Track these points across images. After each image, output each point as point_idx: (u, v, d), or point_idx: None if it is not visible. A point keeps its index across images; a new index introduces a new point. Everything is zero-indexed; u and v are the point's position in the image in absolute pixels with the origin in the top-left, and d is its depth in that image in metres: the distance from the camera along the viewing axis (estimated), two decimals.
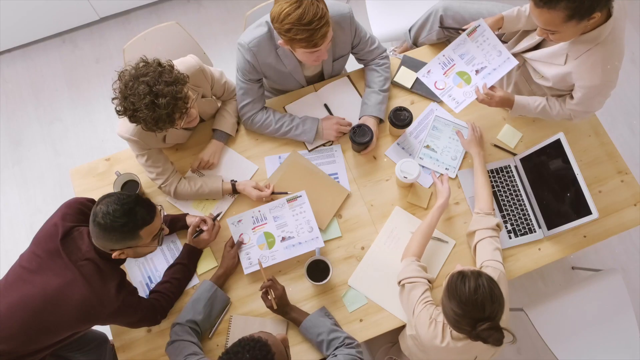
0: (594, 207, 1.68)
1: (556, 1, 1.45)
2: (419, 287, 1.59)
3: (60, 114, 2.97)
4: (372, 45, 1.99)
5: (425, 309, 1.55)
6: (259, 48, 1.78)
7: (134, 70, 1.51)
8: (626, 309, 2.10)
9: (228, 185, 1.87)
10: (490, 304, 1.34)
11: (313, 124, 1.94)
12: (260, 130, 1.97)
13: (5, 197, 2.79)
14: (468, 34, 1.89)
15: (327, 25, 1.58)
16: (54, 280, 1.42)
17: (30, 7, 2.79)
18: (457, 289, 1.38)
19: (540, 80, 1.84)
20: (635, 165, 2.88)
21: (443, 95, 1.90)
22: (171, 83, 1.50)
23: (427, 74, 1.90)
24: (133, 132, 1.68)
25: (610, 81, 1.64)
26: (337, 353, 1.57)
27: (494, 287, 1.37)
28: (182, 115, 1.57)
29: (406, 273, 1.64)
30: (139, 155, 1.77)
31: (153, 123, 1.51)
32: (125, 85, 1.50)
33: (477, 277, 1.38)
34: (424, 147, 1.99)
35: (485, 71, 1.89)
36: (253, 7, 2.11)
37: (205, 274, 1.81)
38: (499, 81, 1.99)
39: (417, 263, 1.66)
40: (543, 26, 1.56)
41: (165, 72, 1.51)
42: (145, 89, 1.46)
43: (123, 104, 1.51)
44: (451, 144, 2.00)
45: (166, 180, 1.82)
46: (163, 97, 1.47)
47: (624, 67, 3.11)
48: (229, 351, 1.26)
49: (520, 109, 1.89)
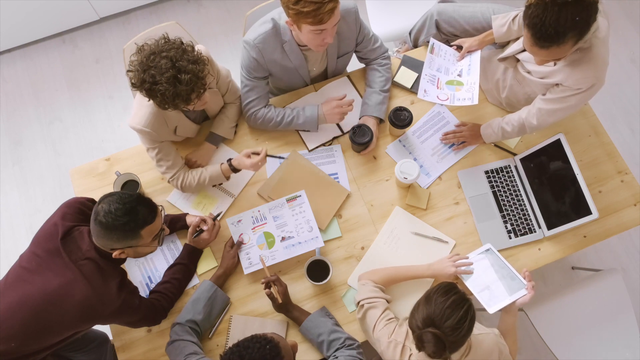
0: (594, 207, 1.69)
1: (563, 35, 1.41)
2: (378, 307, 1.58)
3: (60, 114, 2.97)
4: (374, 44, 1.99)
5: (386, 328, 1.53)
6: (265, 44, 1.78)
7: (153, 44, 1.52)
8: (626, 309, 2.10)
9: (225, 165, 1.84)
10: (453, 323, 1.30)
11: (313, 111, 1.92)
12: (264, 126, 1.96)
13: (5, 197, 2.79)
14: (430, 51, 2.02)
15: (335, 2, 1.57)
16: (54, 280, 1.42)
17: (30, 7, 2.79)
18: (437, 292, 1.36)
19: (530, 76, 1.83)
20: (635, 165, 2.88)
21: (453, 102, 1.92)
22: (194, 61, 1.52)
23: (425, 94, 1.92)
24: (146, 123, 1.68)
25: (598, 80, 1.62)
26: (337, 354, 1.56)
27: (469, 317, 1.33)
28: (198, 95, 1.58)
29: (364, 294, 1.63)
30: (150, 148, 1.77)
31: (171, 98, 1.51)
32: (146, 58, 1.50)
33: (463, 299, 1.35)
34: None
35: (463, 72, 1.98)
36: (253, 7, 2.11)
37: (205, 274, 1.81)
38: (495, 85, 2.00)
39: (372, 284, 1.65)
40: (551, 59, 1.53)
41: (188, 51, 1.53)
42: (168, 64, 1.47)
43: (142, 76, 1.50)
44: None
45: (175, 173, 1.82)
46: (185, 74, 1.49)
47: (624, 67, 3.13)
48: (239, 344, 1.26)
49: (488, 132, 1.94)
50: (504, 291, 1.70)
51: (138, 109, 1.69)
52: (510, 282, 1.71)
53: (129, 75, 1.55)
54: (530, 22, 1.43)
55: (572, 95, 1.66)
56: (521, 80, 1.89)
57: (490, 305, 1.68)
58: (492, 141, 1.97)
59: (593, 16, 1.41)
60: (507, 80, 1.95)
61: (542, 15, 1.39)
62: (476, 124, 1.99)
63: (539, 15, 1.40)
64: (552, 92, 1.72)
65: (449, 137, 1.99)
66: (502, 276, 1.73)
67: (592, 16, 1.41)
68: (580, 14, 1.38)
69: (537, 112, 1.77)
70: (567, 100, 1.68)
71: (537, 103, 1.78)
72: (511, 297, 1.68)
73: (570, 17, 1.38)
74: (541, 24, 1.40)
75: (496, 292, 1.70)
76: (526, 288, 1.69)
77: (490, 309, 1.67)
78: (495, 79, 1.99)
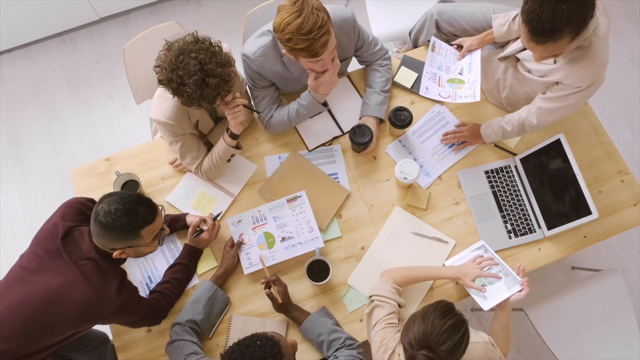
0: (594, 207, 1.69)
1: (559, 31, 1.41)
2: (385, 308, 1.57)
3: (60, 114, 2.97)
4: (375, 47, 1.99)
5: (383, 331, 1.52)
6: (265, 57, 1.77)
7: (182, 42, 1.51)
8: (626, 309, 2.10)
9: (226, 135, 1.79)
10: (449, 347, 1.29)
11: (306, 94, 1.87)
12: (282, 128, 1.94)
13: (5, 197, 2.79)
14: (431, 50, 2.02)
15: (328, 35, 1.56)
16: (54, 280, 1.42)
17: (30, 7, 2.79)
18: (434, 313, 1.34)
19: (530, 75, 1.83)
20: (635, 165, 2.88)
21: (455, 100, 1.92)
22: (222, 64, 1.52)
23: (427, 91, 1.92)
24: (170, 116, 1.68)
25: (598, 78, 1.62)
26: (338, 354, 1.57)
27: (464, 341, 1.32)
28: (223, 97, 1.58)
29: (379, 290, 1.62)
30: (174, 141, 1.78)
31: (197, 100, 1.52)
32: (175, 57, 1.49)
33: (460, 322, 1.34)
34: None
35: (464, 70, 1.98)
36: (253, 7, 2.11)
37: (205, 274, 1.81)
38: (495, 85, 2.00)
39: (392, 284, 1.64)
40: (548, 55, 1.53)
41: (217, 53, 1.52)
42: (197, 66, 1.47)
43: (169, 75, 1.50)
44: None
45: (201, 163, 1.84)
46: (213, 78, 1.49)
47: (624, 67, 3.13)
48: (240, 342, 1.26)
49: (488, 132, 1.94)
50: (499, 288, 1.69)
51: (161, 102, 1.69)
52: (504, 279, 1.70)
53: (155, 71, 1.55)
54: (526, 17, 1.44)
55: (572, 93, 1.66)
56: (521, 80, 1.89)
57: (485, 302, 1.67)
58: (492, 141, 1.97)
59: (590, 12, 1.42)
60: (508, 79, 1.95)
61: (539, 10, 1.40)
62: (476, 124, 1.99)
63: (535, 10, 1.41)
64: (552, 90, 1.72)
65: (449, 137, 1.99)
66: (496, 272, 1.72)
67: (589, 12, 1.41)
68: (576, 10, 1.39)
69: (537, 111, 1.77)
70: (566, 98, 1.69)
71: (537, 102, 1.78)
72: (506, 294, 1.67)
73: (566, 12, 1.38)
74: (537, 19, 1.41)
75: (490, 288, 1.70)
76: (521, 284, 1.68)
77: (484, 306, 1.66)
78: (496, 78, 1.99)
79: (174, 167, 1.94)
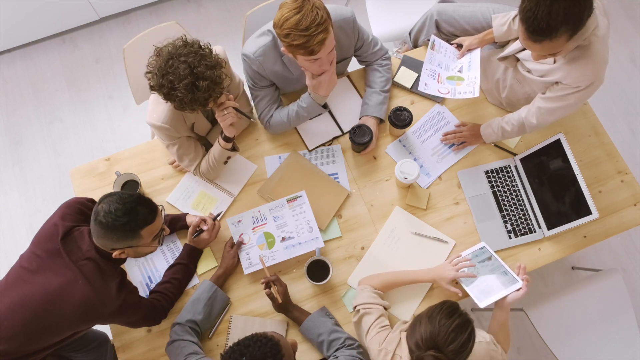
0: (594, 207, 1.69)
1: (555, 29, 1.41)
2: (373, 313, 1.58)
3: (60, 114, 2.97)
4: (374, 47, 1.99)
5: (378, 335, 1.53)
6: (265, 57, 1.77)
7: (172, 47, 1.52)
8: (626, 309, 2.10)
9: (220, 138, 1.77)
10: (457, 347, 1.30)
11: (306, 96, 1.87)
12: (281, 128, 1.94)
13: (5, 197, 2.79)
14: (431, 47, 2.01)
15: (325, 33, 1.56)
16: (54, 280, 1.42)
17: (30, 7, 2.79)
18: (441, 313, 1.34)
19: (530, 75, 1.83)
20: (635, 165, 2.88)
21: (454, 96, 1.92)
22: (212, 67, 1.51)
23: (425, 87, 1.92)
24: (165, 119, 1.68)
25: (598, 78, 1.62)
26: (338, 354, 1.57)
27: (471, 340, 1.33)
28: (215, 99, 1.58)
29: (361, 299, 1.64)
30: (170, 145, 1.78)
31: (189, 104, 1.52)
32: (165, 62, 1.49)
33: (467, 321, 1.34)
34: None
35: (464, 68, 1.98)
36: (253, 7, 2.11)
37: (205, 274, 1.81)
38: (495, 85, 2.00)
39: (372, 290, 1.65)
40: (546, 53, 1.53)
41: (206, 55, 1.52)
42: (186, 70, 1.47)
43: (160, 80, 1.50)
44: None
45: (199, 164, 1.84)
46: (204, 81, 1.48)
47: (624, 67, 3.13)
48: (240, 343, 1.26)
49: (488, 132, 1.94)
50: (496, 285, 1.69)
51: (155, 105, 1.69)
52: (502, 277, 1.70)
53: (147, 77, 1.55)
54: (523, 15, 1.44)
55: (572, 93, 1.66)
56: (521, 80, 1.89)
57: (481, 300, 1.67)
58: (492, 141, 1.97)
59: (587, 11, 1.42)
60: (507, 80, 1.95)
61: (535, 9, 1.40)
62: (476, 124, 1.99)
63: (532, 9, 1.41)
64: (552, 90, 1.72)
65: (449, 137, 1.99)
66: (493, 270, 1.72)
67: (586, 11, 1.41)
68: (572, 9, 1.39)
69: (537, 111, 1.77)
70: (566, 98, 1.69)
71: (536, 102, 1.78)
72: (503, 292, 1.67)
73: (562, 11, 1.38)
74: (533, 17, 1.41)
75: (488, 286, 1.70)
76: (523, 279, 1.68)
77: (481, 303, 1.66)
78: (496, 78, 1.99)
79: (173, 167, 1.95)
